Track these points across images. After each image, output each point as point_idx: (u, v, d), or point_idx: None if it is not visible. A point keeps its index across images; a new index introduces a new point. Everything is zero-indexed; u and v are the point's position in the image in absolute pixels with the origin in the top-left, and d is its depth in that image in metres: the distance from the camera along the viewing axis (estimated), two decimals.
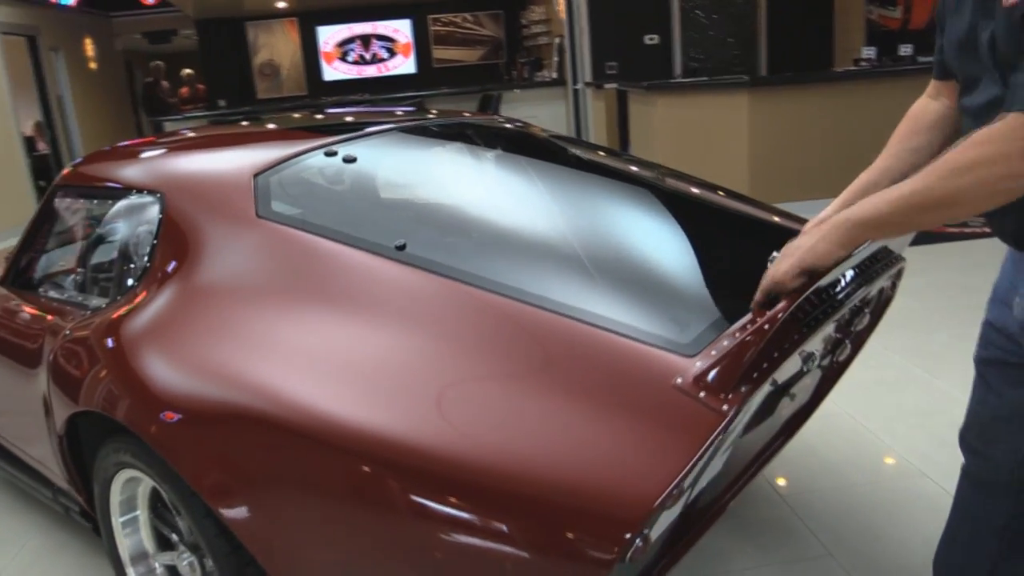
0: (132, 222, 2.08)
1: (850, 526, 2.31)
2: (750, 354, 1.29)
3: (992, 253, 1.65)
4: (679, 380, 1.29)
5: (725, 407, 1.25)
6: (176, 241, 1.90)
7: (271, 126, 2.72)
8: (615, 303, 1.53)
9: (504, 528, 1.23)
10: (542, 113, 9.99)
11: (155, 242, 1.94)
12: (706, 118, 6.22)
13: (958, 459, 1.62)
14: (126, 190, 2.12)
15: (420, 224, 1.90)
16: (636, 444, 1.25)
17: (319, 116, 2.91)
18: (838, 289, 1.66)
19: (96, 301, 2.10)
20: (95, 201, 2.27)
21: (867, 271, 1.80)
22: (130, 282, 1.98)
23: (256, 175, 1.94)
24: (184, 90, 13.76)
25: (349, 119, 2.63)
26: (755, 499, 2.46)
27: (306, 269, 1.70)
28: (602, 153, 2.67)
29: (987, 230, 1.53)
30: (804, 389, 1.93)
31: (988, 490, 1.57)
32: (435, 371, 1.42)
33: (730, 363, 1.29)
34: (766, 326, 1.30)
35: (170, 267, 1.86)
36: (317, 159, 2.07)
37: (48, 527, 2.64)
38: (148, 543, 1.97)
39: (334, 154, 2.06)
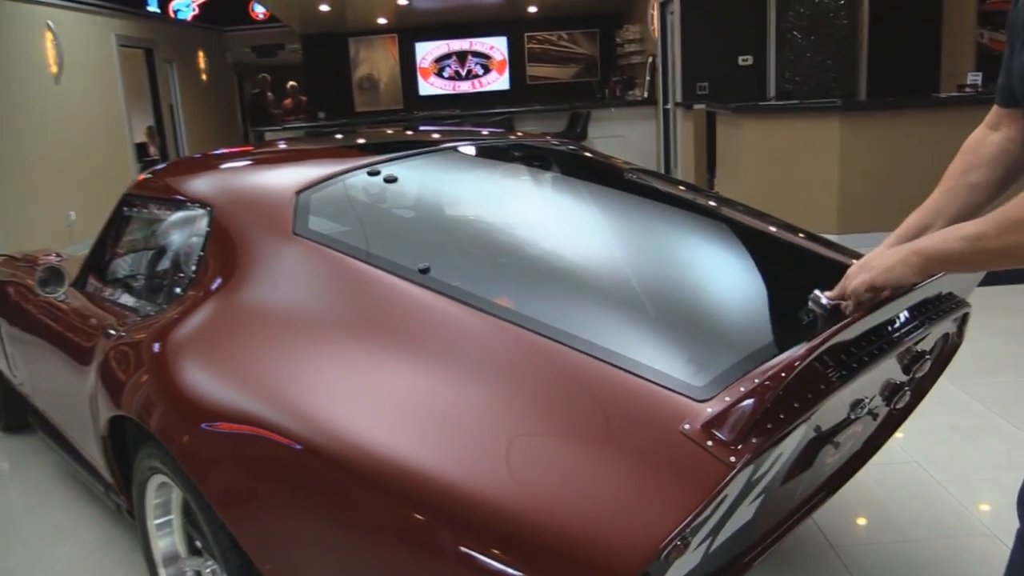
0: (184, 233, 2.15)
1: None
2: (765, 401, 1.22)
3: None
4: (687, 426, 1.23)
5: (732, 458, 1.18)
6: (220, 255, 1.95)
7: (359, 140, 2.77)
8: (631, 338, 1.47)
9: (506, 572, 1.20)
10: (631, 132, 9.90)
11: (202, 254, 1.99)
12: (794, 143, 6.03)
13: None
14: (182, 202, 2.19)
15: (446, 248, 1.89)
16: (637, 492, 1.19)
17: (409, 132, 2.94)
18: (884, 334, 1.55)
19: (149, 308, 2.17)
20: (157, 211, 2.35)
21: (923, 314, 1.69)
22: (177, 292, 2.04)
23: (299, 192, 1.97)
24: (288, 101, 14.29)
25: (433, 135, 2.64)
26: (805, 549, 2.34)
27: (334, 289, 1.71)
28: (660, 183, 2.60)
29: None
30: (853, 438, 1.82)
31: None
32: (444, 402, 1.40)
33: (743, 410, 1.22)
34: (783, 373, 1.22)
35: (212, 281, 1.91)
36: (362, 177, 2.09)
37: (104, 521, 2.74)
38: (180, 546, 2.02)
39: (377, 173, 2.08)
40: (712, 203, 2.32)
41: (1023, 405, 3.20)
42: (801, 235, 2.17)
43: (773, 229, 2.17)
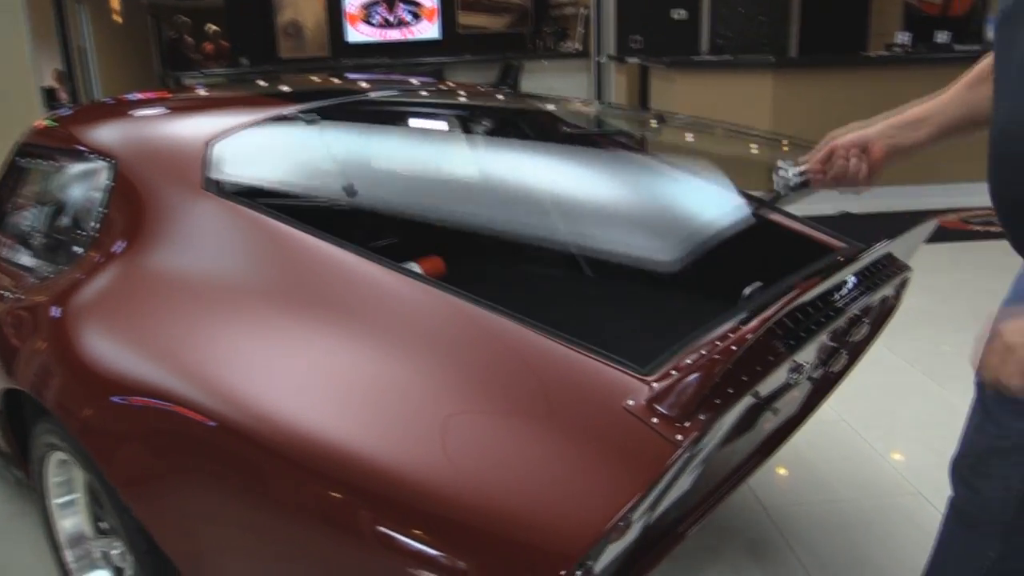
0: (85, 187, 1.96)
1: (834, 546, 2.17)
2: (714, 376, 1.15)
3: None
4: (630, 402, 1.16)
5: (679, 436, 1.11)
6: (125, 211, 1.79)
7: (283, 88, 2.59)
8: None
9: (437, 557, 1.12)
10: (563, 85, 9.78)
11: (104, 211, 1.83)
12: (727, 99, 6.01)
13: None
14: (83, 153, 2.01)
15: (372, 206, 1.77)
16: (578, 473, 1.12)
17: (336, 80, 2.77)
18: (831, 300, 1.51)
19: (47, 269, 1.99)
20: (55, 162, 2.16)
21: (868, 280, 1.66)
22: (77, 251, 1.87)
23: (210, 142, 1.81)
24: (208, 46, 13.64)
25: (361, 83, 2.48)
26: (736, 511, 2.33)
27: (248, 250, 1.58)
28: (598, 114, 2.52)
29: None
30: (790, 402, 1.79)
31: (975, 529, 1.43)
32: (365, 372, 1.30)
33: (690, 385, 1.16)
34: (734, 347, 1.16)
35: (116, 240, 1.75)
36: (282, 127, 1.94)
37: (10, 495, 2.57)
38: (86, 527, 1.88)
39: (299, 122, 1.93)
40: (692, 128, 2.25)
41: (947, 363, 3.27)
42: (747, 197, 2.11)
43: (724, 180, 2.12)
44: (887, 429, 2.77)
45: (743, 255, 2.12)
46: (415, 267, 2.44)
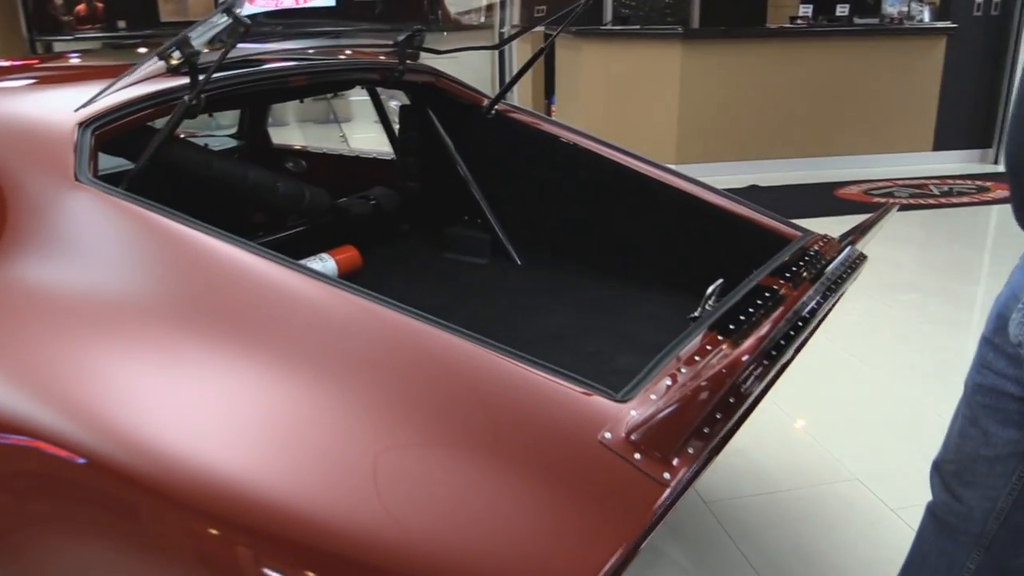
0: None
1: (779, 539, 2.10)
2: (702, 402, 1.00)
3: (934, 228, 1.41)
4: (607, 435, 0.99)
5: (667, 474, 0.95)
6: None
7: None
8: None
9: None
10: (464, 55, 9.49)
11: None
12: (636, 69, 5.91)
13: (893, 463, 1.39)
14: None
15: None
16: (548, 527, 0.94)
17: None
18: (813, 305, 1.40)
19: None
20: None
21: (837, 279, 1.56)
22: None
23: (84, 124, 1.54)
24: (80, 7, 12.62)
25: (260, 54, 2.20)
26: (678, 507, 2.22)
27: (130, 252, 1.33)
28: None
29: (932, 201, 1.27)
30: None
31: (954, 538, 1.35)
32: (277, 398, 1.08)
33: (674, 413, 1.00)
34: (724, 370, 1.01)
35: None
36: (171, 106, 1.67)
37: None
38: None
39: (193, 101, 1.67)
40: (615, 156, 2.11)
41: (869, 339, 3.27)
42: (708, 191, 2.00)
43: (691, 188, 2.00)
44: (817, 413, 2.73)
45: (693, 245, 2.00)
46: (329, 260, 2.22)
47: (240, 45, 2.52)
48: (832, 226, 1.99)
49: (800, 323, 1.32)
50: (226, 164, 2.00)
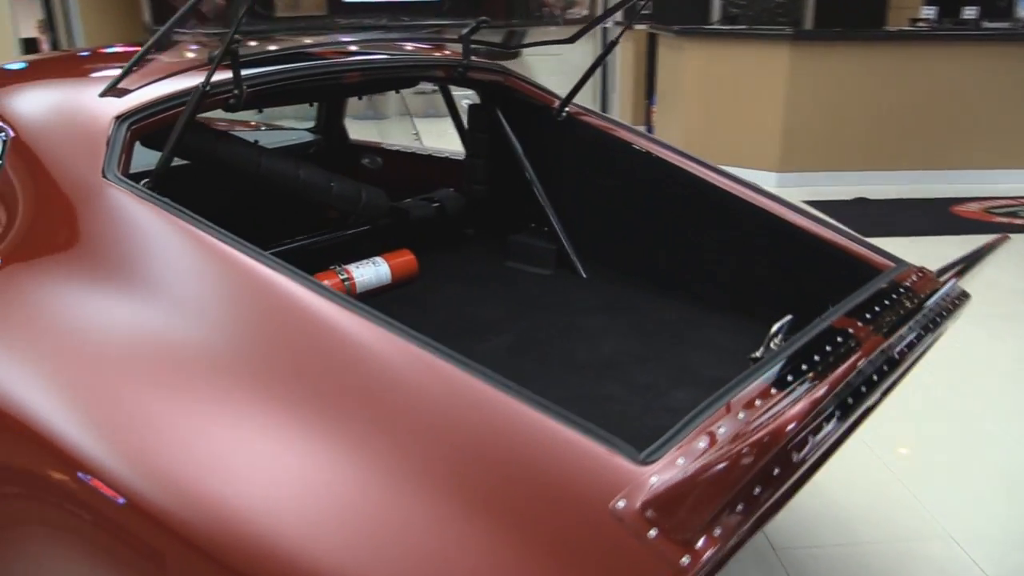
0: None
1: None
2: (737, 474, 0.84)
3: None
4: (620, 503, 0.84)
5: (685, 559, 0.80)
6: (10, 196, 1.47)
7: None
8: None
9: None
10: (569, 51, 9.34)
11: None
12: (740, 71, 5.63)
13: (995, 523, 1.18)
14: None
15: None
16: None
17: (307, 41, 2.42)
18: (894, 354, 1.21)
19: None
20: None
21: (932, 323, 1.36)
22: None
23: (121, 117, 1.48)
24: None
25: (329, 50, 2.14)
26: (741, 552, 2.03)
27: (154, 262, 1.26)
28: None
29: None
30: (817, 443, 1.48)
31: None
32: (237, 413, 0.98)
33: (702, 484, 0.84)
34: (766, 439, 0.84)
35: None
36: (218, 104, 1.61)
37: None
38: None
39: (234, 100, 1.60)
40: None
41: (976, 378, 2.96)
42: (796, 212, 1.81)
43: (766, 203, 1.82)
44: (911, 457, 2.47)
45: (771, 268, 1.81)
46: (383, 265, 2.13)
47: (295, 39, 2.46)
48: (946, 247, 1.77)
49: (877, 375, 1.14)
50: (276, 162, 1.93)
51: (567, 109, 2.19)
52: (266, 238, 2.10)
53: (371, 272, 2.06)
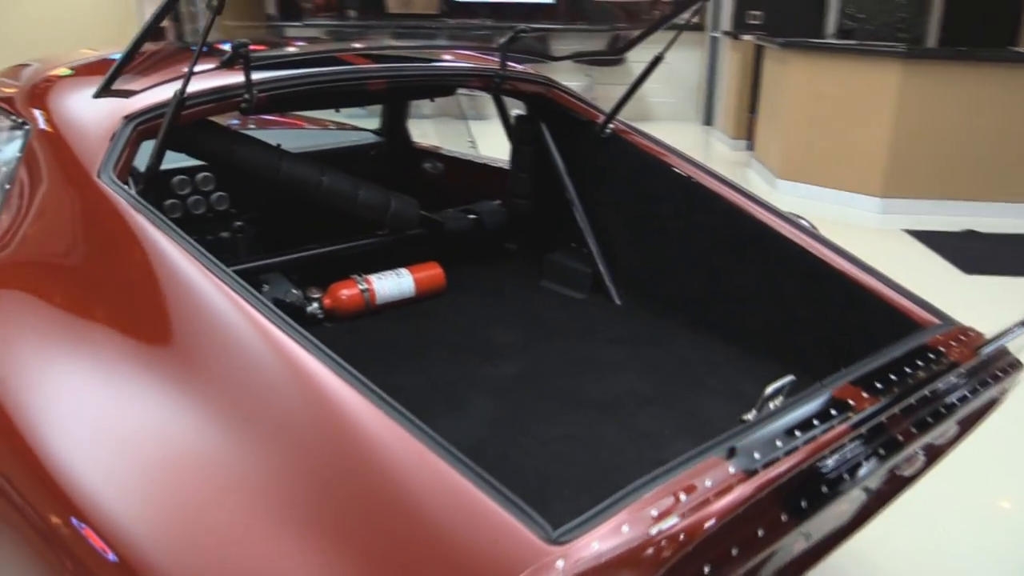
0: (6, 153, 1.67)
1: None
2: (663, 559, 0.74)
3: None
4: None
5: None
6: (22, 190, 1.48)
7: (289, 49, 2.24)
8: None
9: None
10: (675, 59, 9.09)
11: (7, 187, 1.53)
12: (846, 88, 5.32)
13: None
14: (6, 112, 1.71)
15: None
16: None
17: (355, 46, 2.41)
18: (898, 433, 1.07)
19: None
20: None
21: (960, 397, 1.20)
22: None
23: (130, 117, 1.48)
24: None
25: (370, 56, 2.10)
26: None
27: (114, 265, 1.24)
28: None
29: None
30: (833, 519, 1.33)
31: None
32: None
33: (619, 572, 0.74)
34: (706, 521, 0.74)
35: (13, 223, 1.46)
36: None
37: None
38: None
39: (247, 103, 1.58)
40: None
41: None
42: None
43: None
44: (944, 558, 2.23)
45: (805, 311, 1.66)
46: (407, 277, 2.08)
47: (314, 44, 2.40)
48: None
49: (870, 459, 0.99)
50: (297, 167, 1.90)
51: (611, 126, 2.08)
52: (297, 240, 2.09)
53: (393, 283, 2.01)
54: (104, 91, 1.52)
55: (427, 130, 3.17)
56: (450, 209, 2.30)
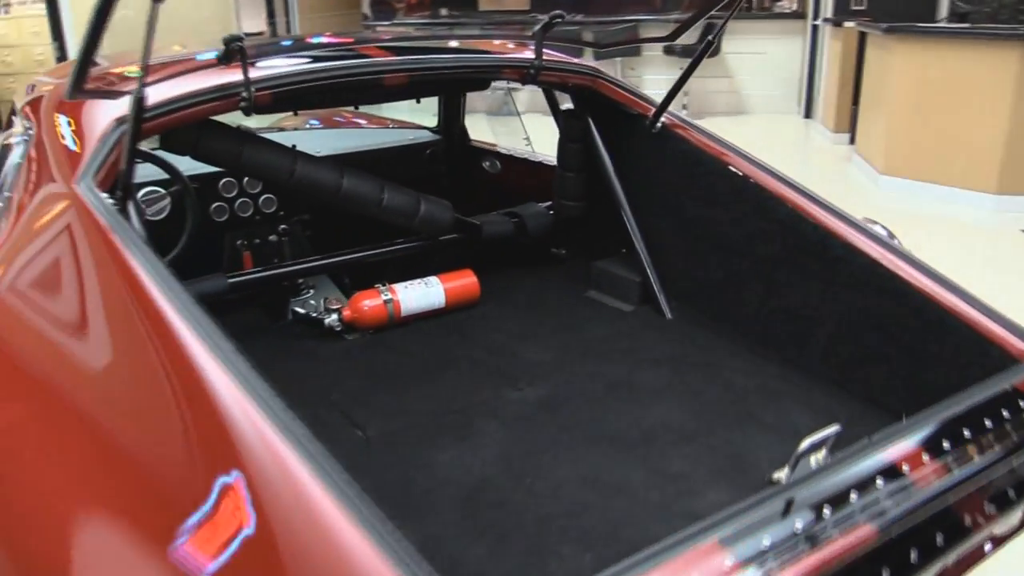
0: (12, 154, 1.63)
1: None
2: None
3: None
4: None
5: None
6: (18, 192, 1.42)
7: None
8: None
9: None
10: (774, 49, 8.68)
11: (7, 194, 1.48)
12: (956, 76, 4.87)
13: None
14: (23, 116, 1.66)
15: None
16: None
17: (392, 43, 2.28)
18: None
19: None
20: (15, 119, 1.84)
21: None
22: None
23: (121, 120, 1.38)
24: None
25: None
26: None
27: (74, 278, 1.14)
28: None
29: None
30: None
31: None
32: None
33: None
34: None
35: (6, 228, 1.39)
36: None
37: None
38: None
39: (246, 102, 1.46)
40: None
41: None
42: None
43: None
44: None
45: (880, 337, 1.43)
46: (436, 286, 1.93)
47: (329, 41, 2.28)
48: None
49: (930, 547, 0.78)
50: (312, 171, 1.77)
51: (663, 119, 1.87)
52: (349, 243, 1.98)
53: (421, 293, 1.87)
54: (77, 91, 1.43)
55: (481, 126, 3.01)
56: (494, 213, 2.14)
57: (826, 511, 0.78)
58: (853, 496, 0.80)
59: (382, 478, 1.28)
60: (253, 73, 1.48)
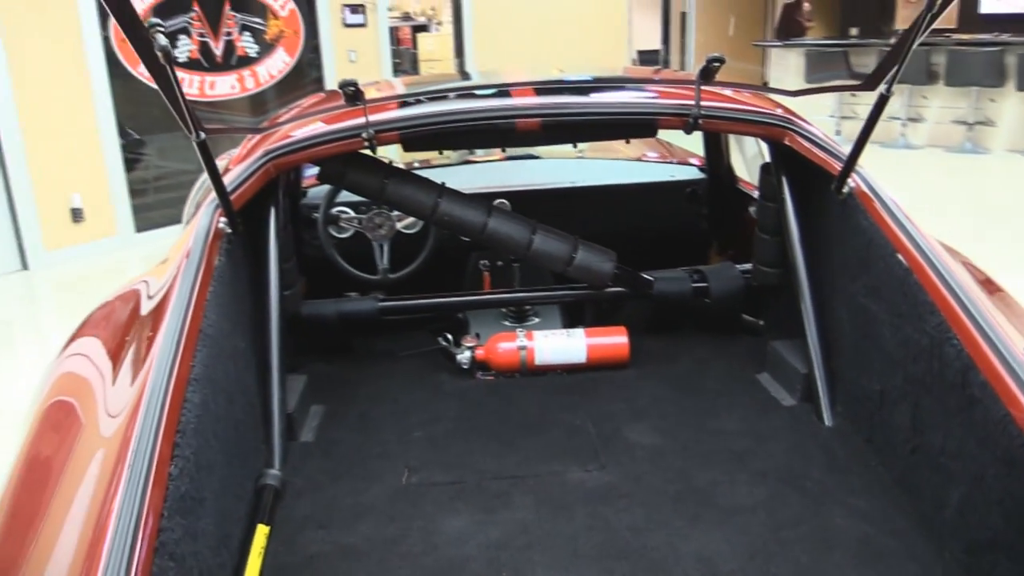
0: None
1: None
2: None
3: None
4: None
5: None
6: None
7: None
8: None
9: None
10: None
11: None
12: None
13: None
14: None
15: None
16: None
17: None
18: None
19: None
20: None
21: None
22: None
23: (268, 152, 1.57)
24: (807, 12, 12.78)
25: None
26: None
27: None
28: None
29: None
30: None
31: None
32: None
33: None
34: None
35: None
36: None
37: None
38: None
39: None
40: None
41: None
42: None
43: None
44: None
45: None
46: (578, 340, 1.80)
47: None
48: None
49: None
50: (457, 208, 1.75)
51: (851, 183, 1.53)
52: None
53: (559, 345, 1.78)
54: (201, 129, 1.57)
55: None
56: (680, 268, 1.96)
57: None
58: None
59: (376, 528, 1.27)
60: (379, 116, 1.56)
